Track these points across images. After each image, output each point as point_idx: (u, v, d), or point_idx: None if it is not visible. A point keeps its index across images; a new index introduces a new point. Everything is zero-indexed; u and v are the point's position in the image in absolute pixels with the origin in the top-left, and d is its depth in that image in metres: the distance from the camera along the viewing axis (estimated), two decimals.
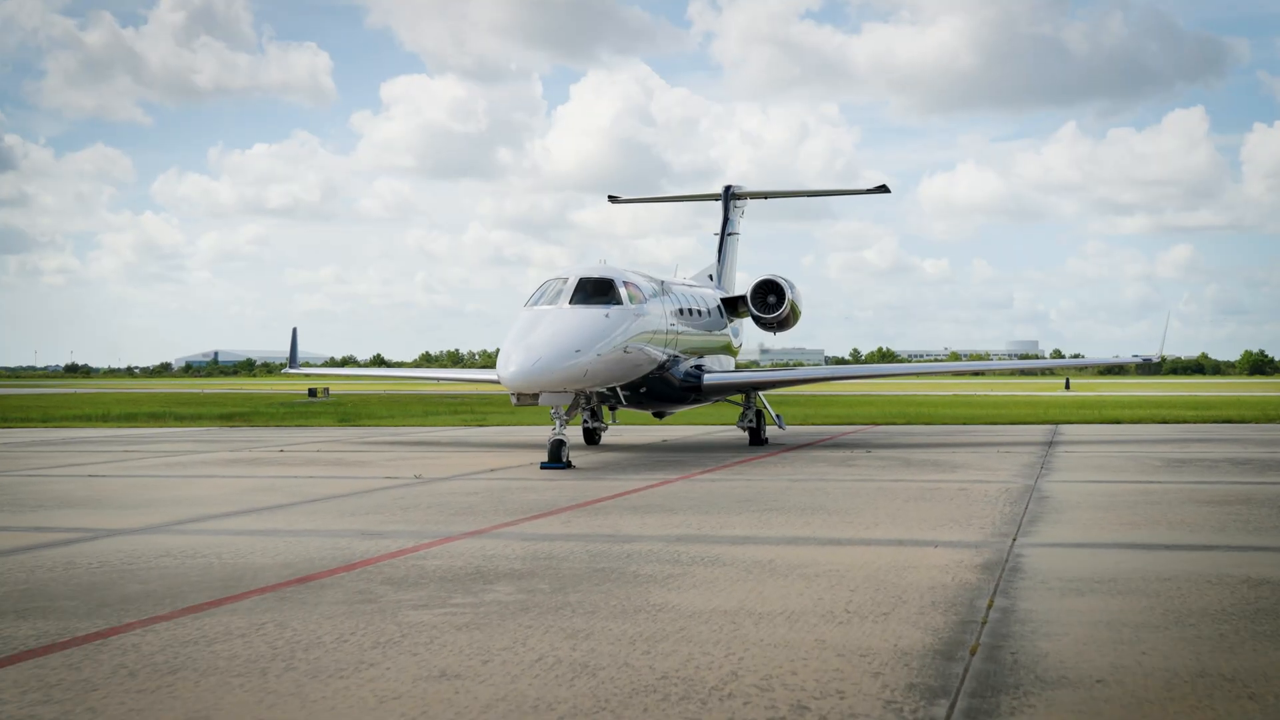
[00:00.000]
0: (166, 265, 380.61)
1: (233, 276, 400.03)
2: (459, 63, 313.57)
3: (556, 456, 19.61)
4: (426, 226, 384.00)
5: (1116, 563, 9.82)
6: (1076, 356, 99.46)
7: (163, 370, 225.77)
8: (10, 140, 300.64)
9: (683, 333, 23.94)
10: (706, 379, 25.11)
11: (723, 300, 28.32)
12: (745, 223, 32.46)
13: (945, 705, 5.77)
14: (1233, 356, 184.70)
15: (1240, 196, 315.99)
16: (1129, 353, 33.14)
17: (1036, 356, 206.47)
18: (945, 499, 14.68)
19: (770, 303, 28.05)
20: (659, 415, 27.36)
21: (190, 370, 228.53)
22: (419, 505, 14.44)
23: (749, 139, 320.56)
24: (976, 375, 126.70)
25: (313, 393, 65.80)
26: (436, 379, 51.08)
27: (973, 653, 6.75)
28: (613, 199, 34.07)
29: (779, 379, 32.01)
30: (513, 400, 19.58)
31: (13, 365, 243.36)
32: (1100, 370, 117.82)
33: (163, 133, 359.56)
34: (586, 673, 6.38)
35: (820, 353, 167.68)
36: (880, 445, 25.33)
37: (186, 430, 35.22)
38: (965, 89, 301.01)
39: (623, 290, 21.06)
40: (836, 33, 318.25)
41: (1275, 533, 11.63)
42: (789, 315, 28.05)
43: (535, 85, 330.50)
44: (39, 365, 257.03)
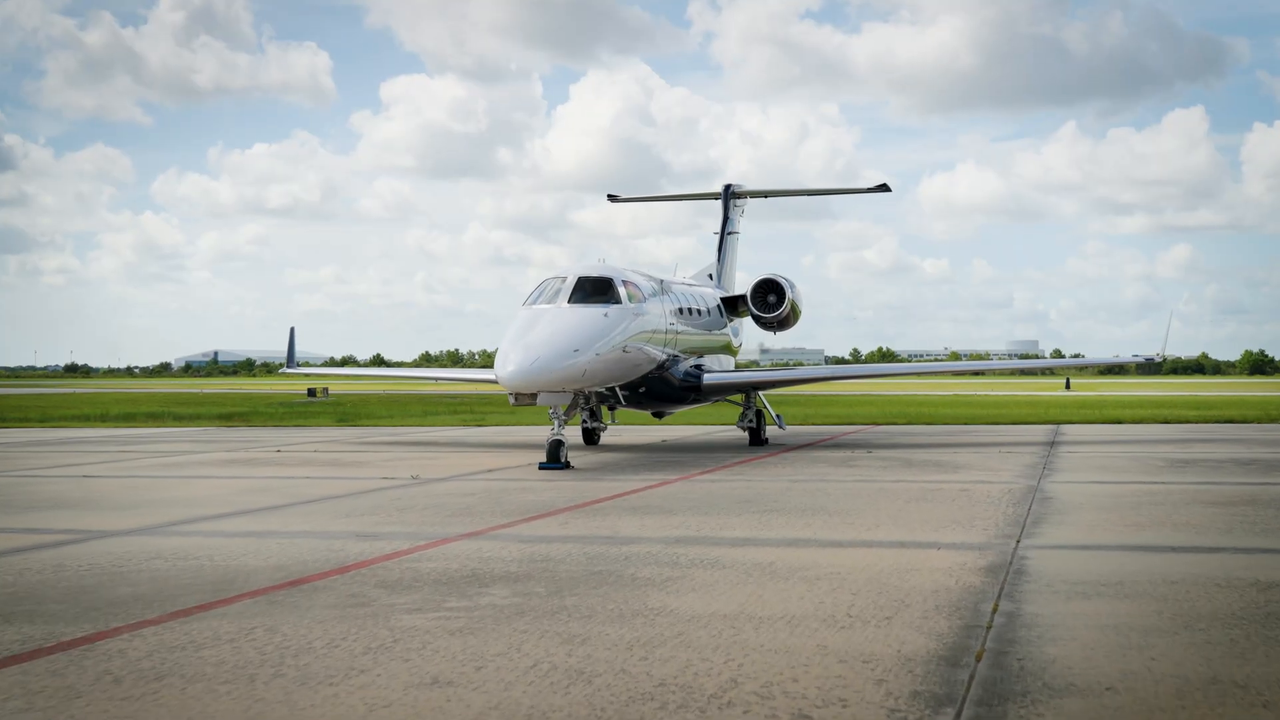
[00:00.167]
0: (166, 265, 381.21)
1: (232, 276, 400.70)
2: (459, 63, 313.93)
3: (555, 457, 19.47)
4: (426, 226, 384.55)
5: (1122, 565, 9.66)
6: (1076, 356, 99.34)
7: (162, 370, 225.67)
8: (10, 140, 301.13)
9: (682, 332, 23.78)
10: (706, 379, 24.95)
11: (722, 299, 28.17)
12: (745, 222, 32.34)
13: (951, 714, 5.62)
14: (1233, 356, 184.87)
15: (1240, 196, 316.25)
16: (1129, 352, 33.03)
17: (1036, 356, 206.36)
18: (947, 500, 14.53)
19: (770, 302, 27.89)
20: (658, 415, 27.20)
21: (190, 370, 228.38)
22: (415, 506, 14.28)
23: (749, 139, 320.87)
24: (977, 375, 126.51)
25: (312, 393, 65.62)
26: (435, 379, 50.95)
27: (978, 659, 6.60)
28: (612, 198, 33.93)
29: (779, 379, 31.88)
30: (511, 400, 19.41)
31: (12, 365, 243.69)
32: (1100, 370, 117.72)
33: (163, 133, 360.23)
34: (582, 680, 6.23)
35: (820, 352, 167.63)
36: (881, 445, 25.18)
37: (185, 430, 35.08)
38: (965, 89, 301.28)
39: (622, 289, 20.90)
40: (836, 32, 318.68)
41: None
42: (789, 315, 27.90)
43: (535, 85, 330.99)
44: (39, 365, 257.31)
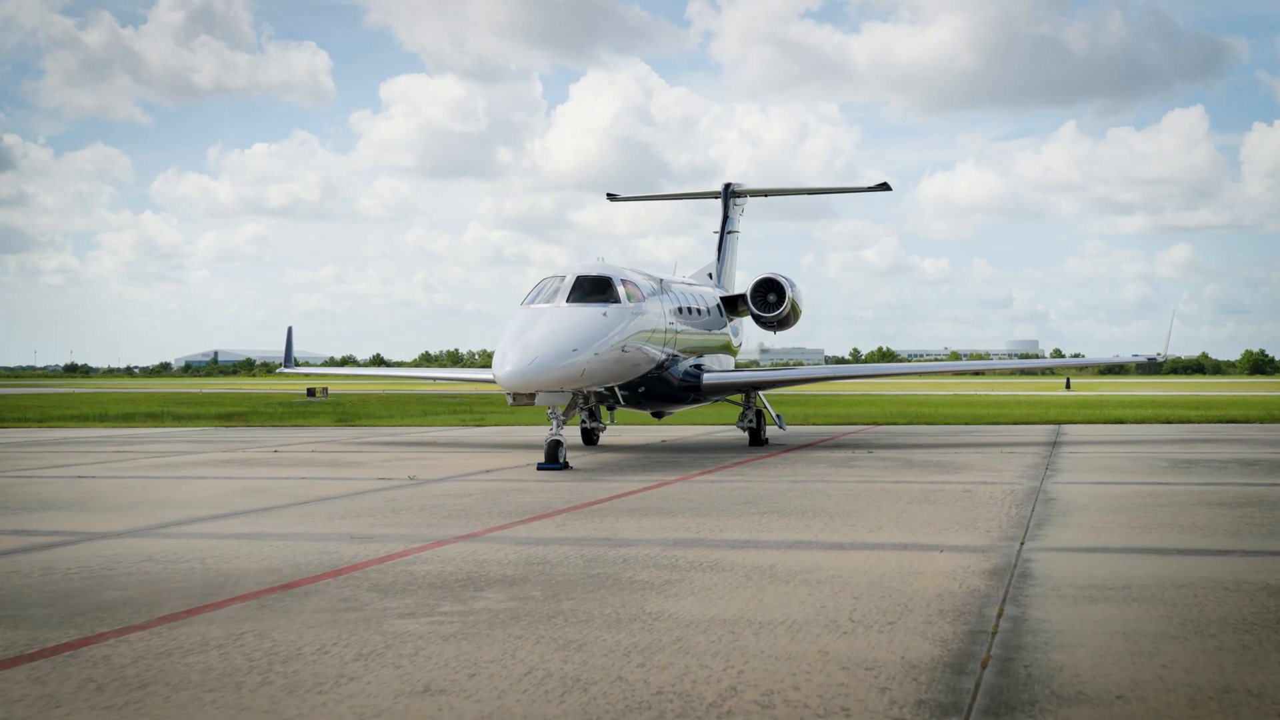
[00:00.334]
0: (166, 265, 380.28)
1: (232, 276, 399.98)
2: (458, 62, 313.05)
3: (553, 457, 19.31)
4: (426, 226, 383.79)
5: (1129, 568, 9.50)
6: (1076, 356, 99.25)
7: (162, 370, 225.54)
8: (10, 140, 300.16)
9: (682, 332, 23.61)
10: (706, 378, 24.79)
11: (722, 299, 28.01)
12: (745, 222, 32.19)
13: None
14: (1233, 356, 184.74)
15: (1240, 196, 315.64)
16: (1129, 352, 32.88)
17: (1036, 356, 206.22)
18: (949, 501, 14.36)
19: (770, 301, 27.74)
20: (658, 415, 27.03)
21: (189, 370, 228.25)
22: (411, 508, 14.12)
23: (748, 138, 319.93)
24: (977, 375, 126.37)
25: (311, 393, 65.44)
26: (435, 379, 50.76)
27: (984, 666, 6.43)
28: (612, 197, 33.78)
29: (779, 379, 31.72)
30: (509, 400, 19.24)
31: (12, 365, 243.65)
32: (1100, 370, 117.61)
33: (162, 132, 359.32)
34: (578, 687, 6.06)
35: (820, 352, 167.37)
36: (882, 446, 25.02)
37: (183, 430, 34.92)
38: (965, 89, 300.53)
39: (621, 288, 20.73)
40: (836, 32, 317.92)
41: None
42: (789, 314, 27.75)
43: (535, 85, 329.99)
44: (38, 365, 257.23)
